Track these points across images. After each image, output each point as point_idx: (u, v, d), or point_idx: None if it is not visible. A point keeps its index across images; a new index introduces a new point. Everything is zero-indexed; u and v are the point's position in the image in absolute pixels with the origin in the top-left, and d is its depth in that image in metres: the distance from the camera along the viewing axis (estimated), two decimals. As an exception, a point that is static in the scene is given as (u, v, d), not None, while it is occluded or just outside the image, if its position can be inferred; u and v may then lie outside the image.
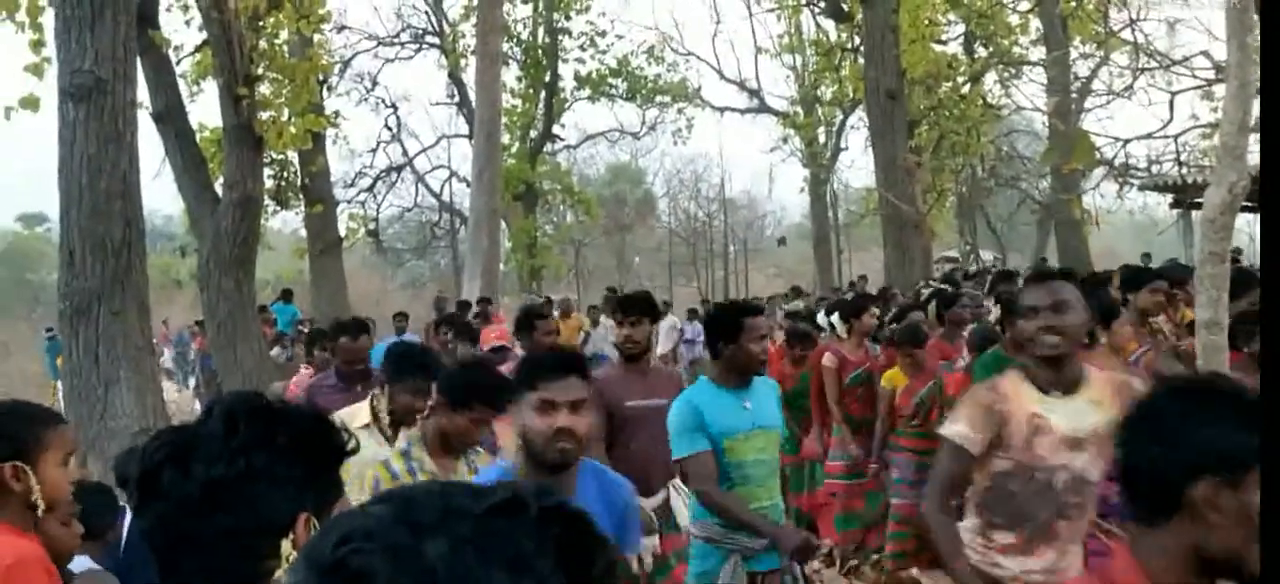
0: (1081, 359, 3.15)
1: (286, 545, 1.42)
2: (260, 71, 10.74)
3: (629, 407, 4.47)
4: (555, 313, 14.56)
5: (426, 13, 29.44)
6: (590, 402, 2.89)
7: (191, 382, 18.94)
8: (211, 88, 13.25)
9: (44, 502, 2.32)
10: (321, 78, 15.42)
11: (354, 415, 4.28)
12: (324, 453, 1.51)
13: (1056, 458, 2.97)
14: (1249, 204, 2.91)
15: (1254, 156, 2.85)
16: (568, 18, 29.12)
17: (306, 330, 15.87)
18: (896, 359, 6.69)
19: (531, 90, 28.95)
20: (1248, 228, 20.23)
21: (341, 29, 27.21)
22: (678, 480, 4.46)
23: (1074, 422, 2.96)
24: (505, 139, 23.07)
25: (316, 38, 13.68)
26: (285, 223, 25.63)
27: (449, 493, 0.83)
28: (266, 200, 12.34)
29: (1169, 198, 19.62)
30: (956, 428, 3.06)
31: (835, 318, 7.52)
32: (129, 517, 4.38)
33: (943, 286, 10.32)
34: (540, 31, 29.13)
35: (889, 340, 7.07)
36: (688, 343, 16.64)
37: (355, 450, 1.58)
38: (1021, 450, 2.98)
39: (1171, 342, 5.42)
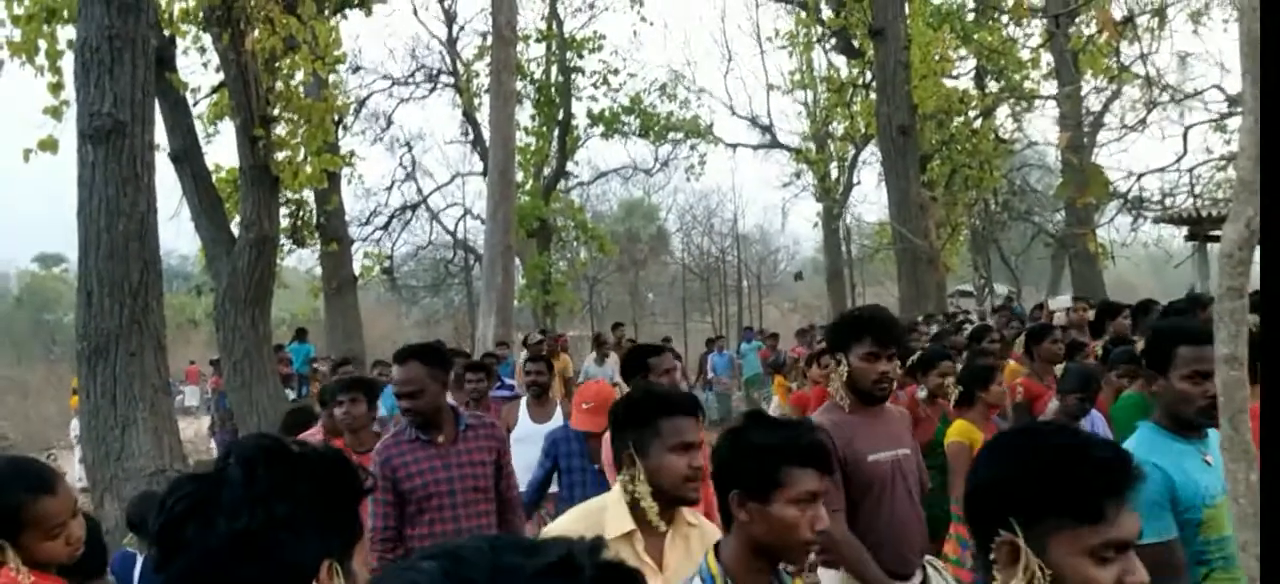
0: None
1: None
2: (276, 112, 10.84)
3: (872, 461, 3.57)
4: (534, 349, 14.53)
5: (441, 53, 29.65)
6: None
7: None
8: (228, 128, 13.40)
9: (30, 573, 2.29)
10: (337, 118, 15.53)
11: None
12: (345, 495, 1.49)
13: None
14: (1266, 238, 2.90)
15: (1270, 191, 2.84)
16: (581, 57, 29.26)
17: (321, 368, 15.95)
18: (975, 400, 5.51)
19: (545, 128, 29.06)
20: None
21: (357, 69, 27.46)
22: (935, 557, 3.87)
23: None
24: (519, 176, 23.13)
25: (332, 78, 13.81)
26: (300, 261, 25.74)
27: (499, 549, 0.81)
28: (282, 239, 12.39)
29: (1184, 231, 19.55)
30: None
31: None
32: (139, 562, 4.39)
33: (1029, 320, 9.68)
34: (553, 70, 29.27)
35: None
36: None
37: (371, 490, 1.57)
38: None
39: None
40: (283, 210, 12.13)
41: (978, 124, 23.87)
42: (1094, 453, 1.65)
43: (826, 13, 24.87)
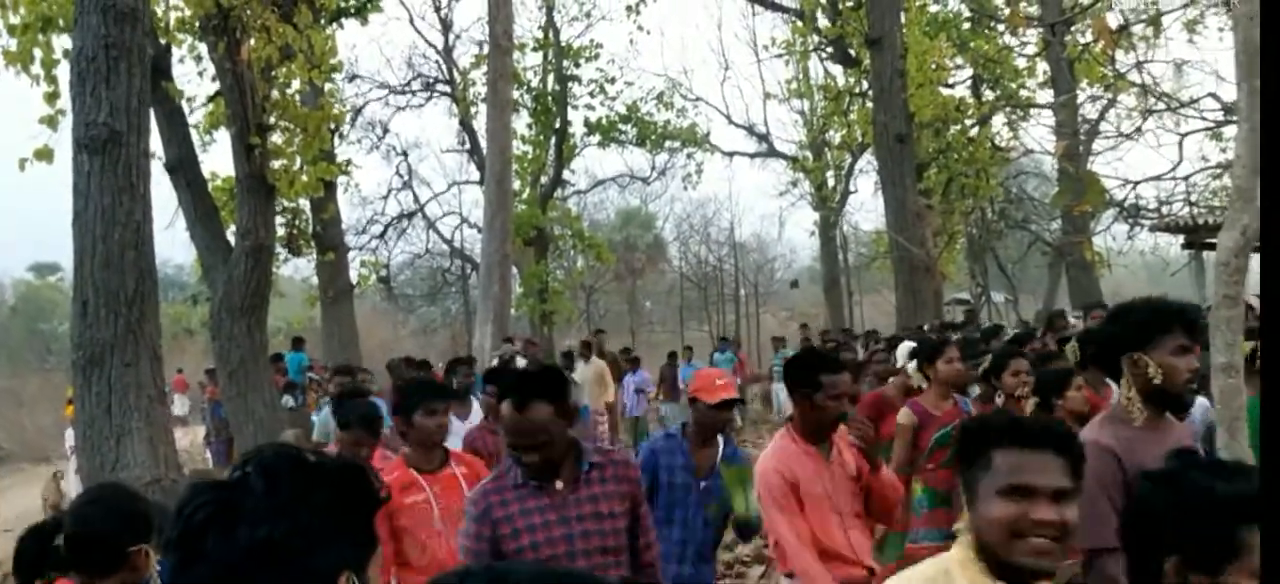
0: None
1: None
2: (272, 121, 10.83)
3: None
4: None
5: (437, 62, 29.68)
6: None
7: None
8: (224, 138, 13.37)
9: None
10: (333, 126, 15.53)
11: None
12: (363, 506, 1.49)
13: None
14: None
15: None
16: (577, 65, 29.29)
17: (318, 377, 15.92)
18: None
19: (542, 137, 29.07)
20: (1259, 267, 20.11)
21: (353, 78, 27.48)
22: None
23: None
24: (516, 185, 23.14)
25: (328, 87, 13.80)
26: (297, 270, 25.71)
27: (541, 576, 0.80)
28: (278, 248, 12.39)
29: (1180, 239, 19.56)
30: None
31: (905, 357, 6.22)
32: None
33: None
34: (550, 79, 29.29)
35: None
36: (640, 392, 16.62)
37: (387, 499, 1.57)
38: None
39: None
40: (279, 219, 12.13)
41: (974, 132, 23.88)
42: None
43: (823, 22, 24.92)
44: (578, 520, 3.20)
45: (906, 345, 6.81)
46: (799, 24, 27.36)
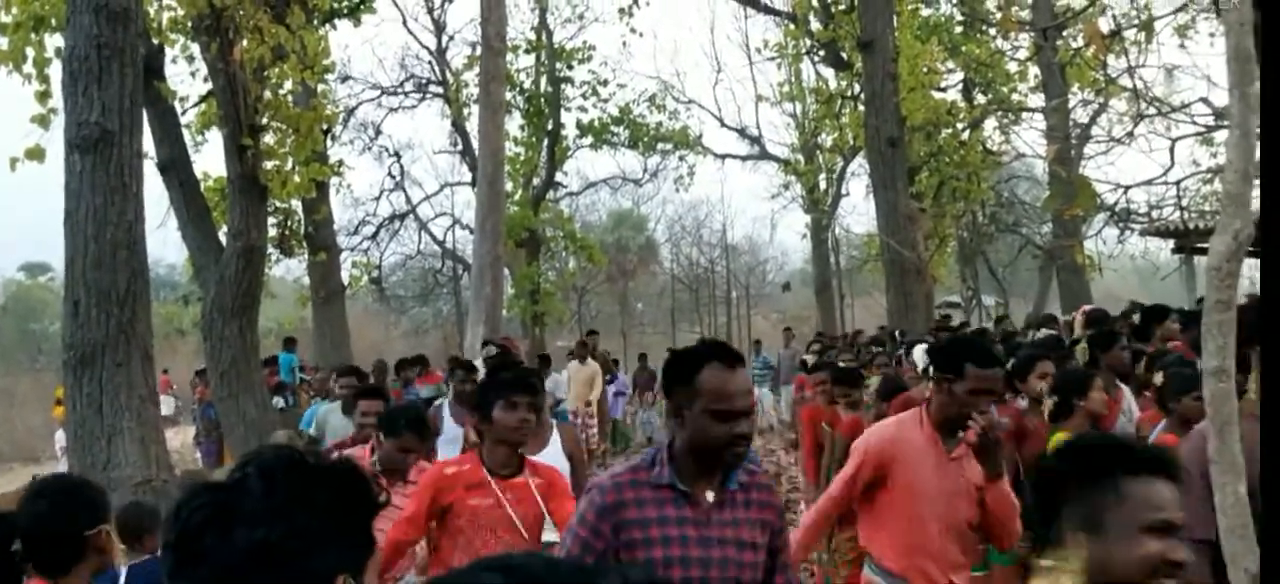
0: None
1: None
2: (265, 121, 10.80)
3: None
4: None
5: (430, 63, 29.65)
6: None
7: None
8: (216, 138, 13.34)
9: None
10: (325, 127, 15.49)
11: None
12: (361, 509, 1.48)
13: None
14: (1254, 250, 2.91)
15: (1258, 204, 2.86)
16: (570, 67, 29.29)
17: (309, 378, 15.88)
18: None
19: (534, 138, 29.05)
20: (1249, 272, 20.21)
21: (345, 79, 27.41)
22: None
23: None
24: (508, 186, 23.12)
25: (320, 88, 13.78)
26: (288, 270, 25.65)
27: (556, 568, 0.81)
28: (270, 249, 12.36)
29: (1170, 243, 19.63)
30: None
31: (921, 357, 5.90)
32: (124, 573, 4.33)
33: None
34: (543, 81, 29.28)
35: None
36: (619, 396, 16.66)
37: (386, 504, 1.56)
38: None
39: None
40: (271, 220, 12.09)
41: (966, 136, 23.96)
42: None
43: (815, 25, 24.96)
44: (719, 544, 2.68)
45: (922, 348, 6.70)
46: (791, 27, 27.40)
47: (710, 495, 2.69)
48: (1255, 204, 3.17)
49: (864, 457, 3.74)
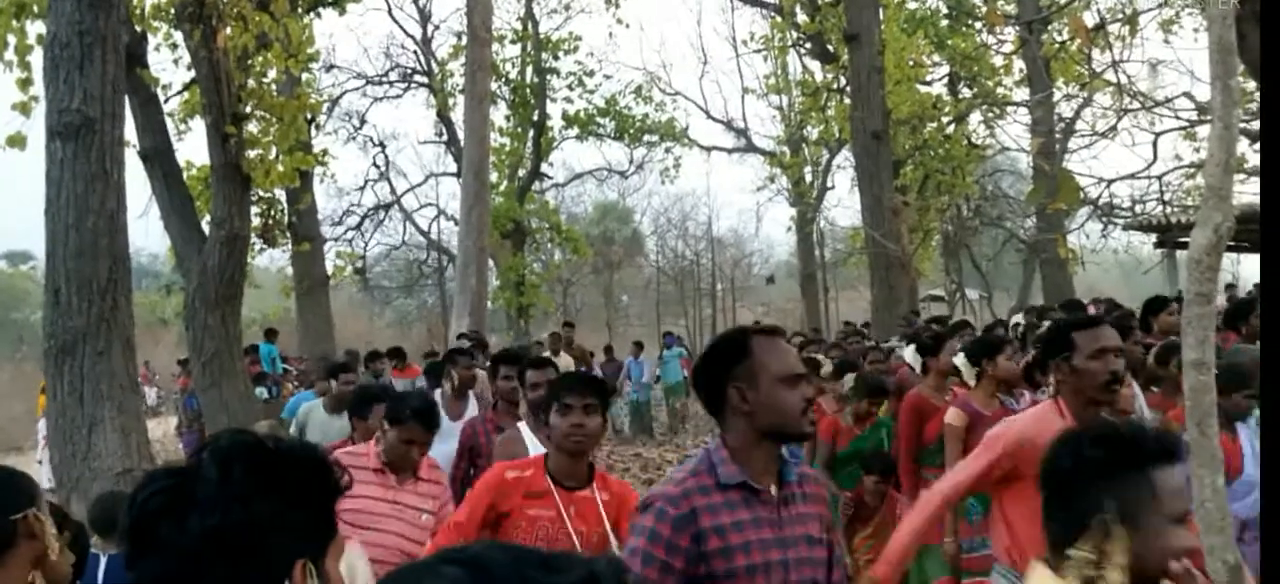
0: None
1: None
2: (248, 110, 10.75)
3: None
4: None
5: (415, 52, 29.59)
6: None
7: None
8: (199, 126, 13.28)
9: None
10: (309, 116, 15.43)
11: None
12: (321, 494, 1.46)
13: None
14: (1234, 244, 2.93)
15: (1239, 197, 2.88)
16: (556, 58, 29.27)
17: (292, 369, 15.85)
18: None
19: (520, 129, 29.02)
20: (1231, 267, 20.39)
21: (330, 68, 27.37)
22: None
23: None
24: (493, 178, 23.10)
25: (305, 76, 13.71)
26: (272, 260, 25.59)
27: (522, 562, 0.80)
28: (253, 239, 12.31)
29: (1153, 237, 19.75)
30: None
31: (961, 360, 5.73)
32: (103, 562, 4.31)
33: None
34: (528, 71, 29.24)
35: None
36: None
37: (349, 487, 1.54)
38: None
39: None
40: (254, 209, 12.05)
41: (950, 130, 24.05)
42: None
43: (801, 18, 25.00)
44: (793, 543, 2.51)
45: (911, 349, 6.65)
46: (778, 19, 27.43)
47: (774, 489, 2.52)
48: (1236, 197, 3.19)
49: (1002, 449, 3.51)
